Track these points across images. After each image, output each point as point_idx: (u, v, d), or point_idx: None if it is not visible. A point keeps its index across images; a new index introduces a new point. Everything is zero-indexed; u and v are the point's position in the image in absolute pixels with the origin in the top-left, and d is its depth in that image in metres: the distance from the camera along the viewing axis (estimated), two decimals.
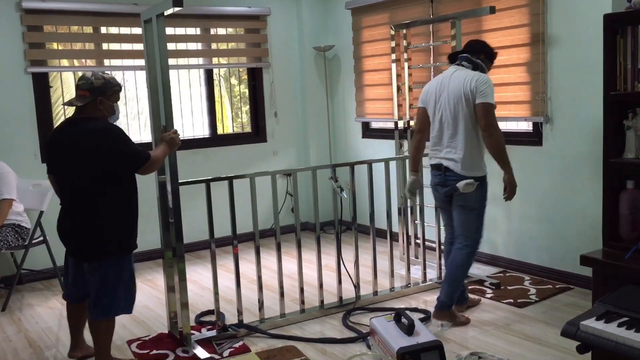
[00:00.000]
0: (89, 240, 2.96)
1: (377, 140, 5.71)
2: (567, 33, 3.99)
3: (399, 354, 2.63)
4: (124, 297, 3.07)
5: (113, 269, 2.99)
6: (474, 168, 3.46)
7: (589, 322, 2.07)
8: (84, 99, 2.95)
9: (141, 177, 3.08)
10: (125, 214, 3.03)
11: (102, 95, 2.96)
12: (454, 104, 3.42)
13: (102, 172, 2.90)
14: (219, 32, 5.70)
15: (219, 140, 5.76)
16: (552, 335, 3.35)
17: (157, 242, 3.64)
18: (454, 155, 3.47)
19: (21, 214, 4.39)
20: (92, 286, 3.02)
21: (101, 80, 2.97)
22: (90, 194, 2.92)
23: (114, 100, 3.04)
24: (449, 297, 3.52)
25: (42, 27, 4.87)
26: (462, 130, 3.42)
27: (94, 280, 3.01)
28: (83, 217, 2.95)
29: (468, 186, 3.44)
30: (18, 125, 4.78)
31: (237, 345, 3.42)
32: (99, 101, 2.96)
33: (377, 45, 5.48)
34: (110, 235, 2.98)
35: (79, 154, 2.90)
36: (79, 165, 2.92)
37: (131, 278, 3.09)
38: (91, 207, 2.93)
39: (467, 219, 3.53)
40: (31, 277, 4.83)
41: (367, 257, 4.46)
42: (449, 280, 3.54)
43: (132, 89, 5.38)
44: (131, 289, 3.11)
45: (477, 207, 3.52)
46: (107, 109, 3.01)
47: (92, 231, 2.95)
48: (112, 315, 3.08)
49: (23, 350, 3.54)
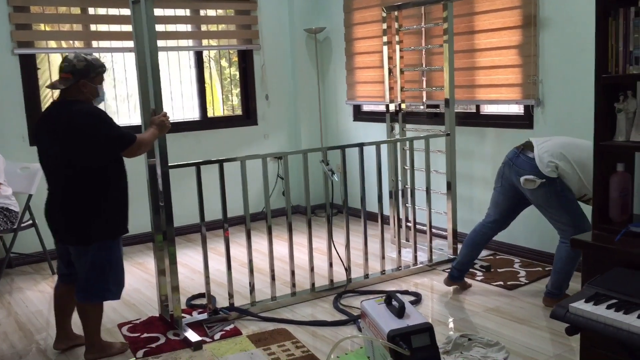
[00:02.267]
0: (75, 224, 2.94)
1: (368, 123, 5.70)
2: (559, 15, 3.98)
3: (389, 336, 2.64)
4: (113, 282, 3.06)
5: (101, 253, 2.98)
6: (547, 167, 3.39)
7: (578, 304, 2.08)
8: (66, 81, 2.92)
9: (131, 160, 3.05)
10: (112, 198, 3.00)
11: (85, 78, 2.93)
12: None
13: (88, 155, 2.88)
14: (209, 14, 5.64)
15: (209, 123, 5.72)
16: (542, 317, 3.38)
17: (148, 225, 3.63)
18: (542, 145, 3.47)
19: (9, 197, 4.35)
20: (81, 270, 3.01)
21: (83, 62, 2.93)
22: (76, 177, 2.90)
23: (97, 82, 2.99)
24: (554, 286, 3.52)
25: (28, 8, 4.79)
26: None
27: (82, 264, 3.00)
28: (69, 201, 2.93)
29: (528, 182, 3.42)
30: (5, 108, 4.72)
31: (228, 328, 3.43)
32: (82, 84, 2.93)
33: (369, 28, 5.44)
34: (97, 219, 2.95)
35: (63, 137, 2.87)
36: (64, 149, 2.89)
37: (119, 263, 3.08)
38: (77, 191, 2.91)
39: (550, 217, 3.52)
40: (20, 261, 4.80)
41: (358, 240, 4.47)
42: (554, 271, 3.54)
43: (121, 71, 5.32)
44: (120, 274, 3.10)
45: (551, 206, 3.46)
46: (90, 92, 2.97)
47: (79, 215, 2.93)
48: (101, 300, 3.08)
49: (13, 334, 3.53)
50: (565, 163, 3.36)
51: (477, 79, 4.55)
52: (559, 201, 3.42)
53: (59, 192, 2.97)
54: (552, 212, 3.48)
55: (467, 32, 4.55)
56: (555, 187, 3.40)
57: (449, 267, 4.30)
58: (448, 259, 4.41)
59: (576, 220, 3.41)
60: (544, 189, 3.39)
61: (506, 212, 3.68)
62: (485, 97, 4.52)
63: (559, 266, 3.50)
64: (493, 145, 4.54)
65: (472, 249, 3.80)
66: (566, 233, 3.42)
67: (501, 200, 3.68)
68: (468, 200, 4.78)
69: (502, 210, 3.69)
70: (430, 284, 4.06)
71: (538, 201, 3.49)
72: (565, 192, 3.42)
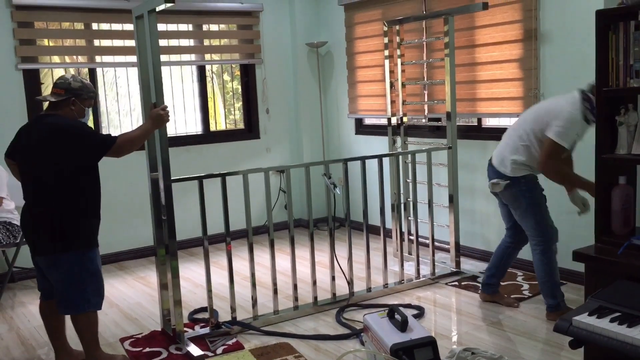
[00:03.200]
0: (49, 234, 2.95)
1: (370, 136, 5.71)
2: (560, 29, 4.00)
3: (392, 350, 2.64)
4: (92, 293, 3.05)
5: (75, 263, 2.98)
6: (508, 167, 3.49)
7: (581, 317, 2.08)
8: (57, 96, 3.02)
9: (133, 174, 3.07)
10: (87, 208, 3.02)
11: (77, 97, 3.03)
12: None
13: (66, 166, 2.92)
14: (211, 29, 5.68)
15: (211, 137, 5.74)
16: (545, 330, 3.36)
17: (150, 239, 3.63)
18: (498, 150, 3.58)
19: (12, 211, 4.36)
20: (56, 281, 3.02)
21: (79, 83, 3.06)
22: (52, 188, 2.93)
23: (86, 105, 3.10)
24: (547, 297, 3.53)
25: (32, 24, 4.83)
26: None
27: (55, 275, 3.00)
28: (45, 210, 2.96)
29: (494, 186, 3.50)
30: (9, 123, 4.73)
31: (230, 342, 3.42)
32: (72, 102, 3.02)
33: (370, 42, 5.47)
34: (71, 230, 2.96)
35: (41, 149, 2.94)
36: (42, 161, 2.94)
37: (97, 273, 3.07)
38: (53, 202, 2.94)
39: (519, 220, 3.57)
40: (23, 275, 4.80)
41: (360, 254, 4.46)
42: (539, 283, 3.58)
43: (124, 86, 5.35)
44: (99, 284, 3.09)
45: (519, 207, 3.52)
46: (78, 111, 3.06)
47: (52, 224, 2.94)
48: (81, 311, 3.05)
49: (15, 349, 3.52)
50: (522, 151, 3.40)
51: (478, 92, 4.57)
52: (526, 202, 3.48)
53: (35, 203, 3.00)
54: (520, 214, 3.53)
55: (468, 46, 4.57)
56: (521, 186, 3.48)
57: (452, 280, 4.30)
58: (450, 272, 4.40)
59: (540, 225, 3.48)
60: (510, 190, 3.48)
61: (512, 219, 3.70)
62: (487, 110, 4.54)
63: (539, 275, 3.55)
64: None
65: (495, 260, 3.82)
66: (532, 239, 3.53)
67: (502, 211, 3.75)
68: (470, 213, 4.77)
69: (508, 219, 3.73)
70: (433, 297, 4.05)
71: (509, 203, 3.56)
72: (532, 193, 3.49)
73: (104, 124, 5.24)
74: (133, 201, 5.11)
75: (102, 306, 3.13)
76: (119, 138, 3.02)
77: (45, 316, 3.20)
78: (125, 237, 5.19)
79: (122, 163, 4.45)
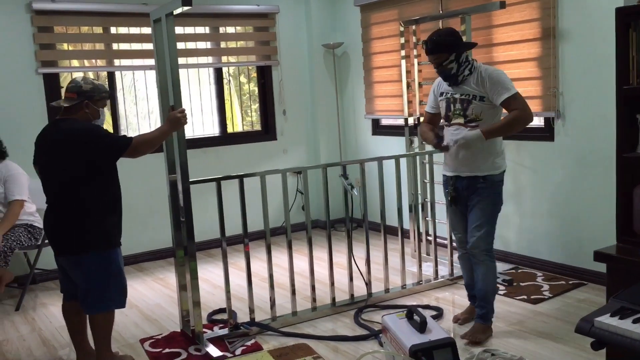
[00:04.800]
0: (71, 234, 2.99)
1: (387, 137, 5.70)
2: (579, 27, 3.96)
3: (411, 352, 2.63)
4: (115, 291, 3.09)
5: (98, 263, 3.01)
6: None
7: (603, 318, 2.05)
8: (70, 100, 3.04)
9: (152, 176, 3.10)
10: (108, 208, 3.05)
11: (90, 100, 3.04)
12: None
13: (84, 168, 2.95)
14: (228, 31, 5.71)
15: (228, 138, 5.76)
16: (566, 331, 3.33)
17: (169, 240, 3.65)
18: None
19: (33, 214, 4.42)
20: (80, 281, 3.05)
21: (90, 85, 3.07)
22: (72, 189, 2.96)
23: (100, 106, 3.11)
24: (485, 309, 3.40)
25: (52, 28, 4.89)
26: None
27: (79, 275, 3.04)
28: (65, 211, 3.00)
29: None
30: (29, 126, 4.79)
31: (249, 343, 3.43)
32: (85, 104, 3.03)
33: (387, 42, 5.46)
34: (92, 230, 2.99)
35: (59, 152, 2.97)
36: (61, 164, 2.98)
37: (120, 272, 3.10)
38: (73, 203, 2.97)
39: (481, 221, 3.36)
40: (44, 277, 4.86)
41: (378, 255, 4.45)
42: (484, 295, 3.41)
43: (142, 89, 5.40)
44: (121, 283, 3.12)
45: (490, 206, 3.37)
46: (92, 113, 3.07)
47: (73, 224, 2.98)
48: (104, 310, 3.09)
49: (37, 349, 3.56)
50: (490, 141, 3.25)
51: None
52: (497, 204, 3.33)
53: (56, 205, 3.04)
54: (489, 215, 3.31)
55: (486, 45, 4.54)
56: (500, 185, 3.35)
57: None
58: None
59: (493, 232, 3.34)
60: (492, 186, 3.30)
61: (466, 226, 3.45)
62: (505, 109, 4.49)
63: (489, 284, 3.36)
64: (513, 158, 4.51)
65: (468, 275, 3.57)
66: (483, 244, 3.32)
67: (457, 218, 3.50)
68: None
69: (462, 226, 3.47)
70: (451, 298, 4.03)
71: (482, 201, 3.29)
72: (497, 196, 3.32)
73: (122, 127, 5.29)
74: (152, 203, 5.15)
75: (125, 304, 3.17)
76: (134, 139, 3.04)
77: (67, 317, 3.24)
78: (144, 239, 5.23)
79: (141, 165, 4.50)
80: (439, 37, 3.22)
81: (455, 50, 3.19)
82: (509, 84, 3.19)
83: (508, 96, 3.16)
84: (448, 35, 3.22)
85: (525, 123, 3.22)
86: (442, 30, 3.32)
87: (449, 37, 3.22)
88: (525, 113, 3.17)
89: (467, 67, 3.24)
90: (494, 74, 3.21)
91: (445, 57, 3.19)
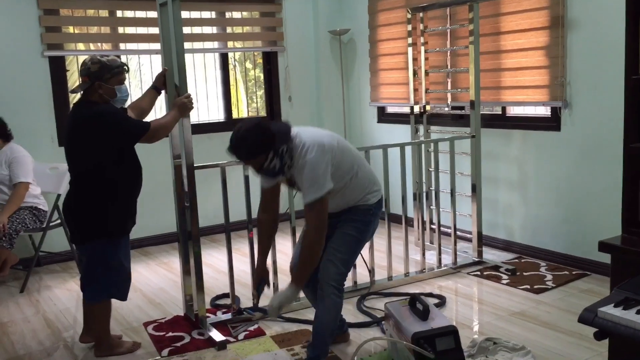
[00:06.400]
0: (77, 221, 3.01)
1: (392, 125, 5.68)
2: (588, 16, 3.92)
3: (414, 339, 2.63)
4: (111, 283, 3.10)
5: (97, 252, 3.03)
6: None
7: (607, 308, 2.05)
8: (84, 85, 2.99)
9: (156, 161, 3.09)
10: (116, 199, 3.03)
11: (100, 80, 2.97)
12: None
13: (100, 154, 2.94)
14: (234, 16, 5.68)
15: (233, 124, 5.65)
16: (568, 321, 3.33)
17: (173, 225, 3.66)
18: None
19: (38, 196, 4.43)
20: (83, 269, 3.09)
21: (97, 64, 2.97)
22: (86, 177, 2.96)
23: (114, 83, 3.00)
24: (316, 349, 2.91)
25: (58, 11, 4.88)
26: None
27: (85, 262, 3.07)
28: (77, 199, 3.01)
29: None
30: (35, 109, 4.81)
31: (252, 328, 3.44)
32: (97, 85, 2.98)
33: (393, 29, 5.43)
34: (96, 218, 2.99)
35: (76, 138, 2.96)
36: (77, 150, 2.98)
37: (119, 264, 3.09)
38: (83, 189, 2.97)
39: (342, 249, 2.94)
40: (49, 260, 4.89)
41: (381, 242, 4.45)
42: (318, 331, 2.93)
43: (147, 73, 5.38)
44: (120, 276, 3.12)
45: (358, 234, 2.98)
46: (107, 93, 3.00)
47: (80, 212, 2.99)
48: (100, 299, 3.12)
49: (41, 331, 3.59)
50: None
51: (503, 81, 4.51)
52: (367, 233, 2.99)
53: (72, 191, 3.05)
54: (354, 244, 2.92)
55: (493, 34, 4.51)
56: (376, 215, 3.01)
57: (474, 270, 4.27)
58: (472, 262, 4.38)
59: (345, 264, 2.87)
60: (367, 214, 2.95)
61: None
62: (512, 98, 4.48)
63: (325, 321, 2.86)
64: (519, 148, 4.50)
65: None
66: (337, 275, 2.85)
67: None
68: (493, 203, 4.73)
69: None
70: (454, 286, 4.04)
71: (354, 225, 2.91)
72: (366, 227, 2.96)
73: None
74: (156, 188, 5.15)
75: (126, 297, 3.20)
76: (152, 123, 3.04)
77: None
78: (149, 224, 5.24)
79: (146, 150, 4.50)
80: (251, 140, 2.66)
81: (273, 147, 2.67)
82: (314, 185, 2.71)
83: (305, 202, 2.76)
84: (258, 134, 2.67)
85: (317, 247, 2.73)
86: (248, 131, 2.69)
87: (261, 136, 2.67)
88: (311, 237, 2.73)
89: (287, 156, 2.73)
90: (306, 168, 2.71)
91: (264, 159, 2.69)
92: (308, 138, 2.77)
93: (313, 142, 2.75)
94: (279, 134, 2.72)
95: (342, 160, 2.84)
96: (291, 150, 2.74)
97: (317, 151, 2.72)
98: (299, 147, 2.74)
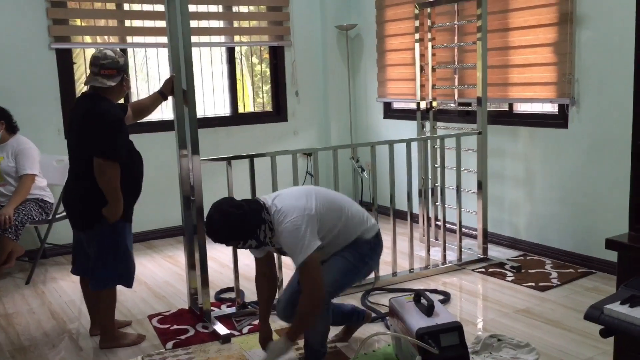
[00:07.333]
0: (86, 207, 3.01)
1: (398, 120, 5.66)
2: (597, 12, 3.90)
3: (418, 335, 2.63)
4: (121, 269, 3.11)
5: (109, 237, 3.03)
6: None
7: (613, 306, 2.04)
8: (111, 77, 2.96)
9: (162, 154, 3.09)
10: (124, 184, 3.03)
11: (126, 73, 3.01)
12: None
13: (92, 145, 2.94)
14: (241, 10, 5.67)
15: (239, 118, 5.75)
16: (573, 319, 3.32)
17: (178, 219, 3.66)
18: None
19: (44, 188, 4.45)
20: (92, 256, 3.08)
21: (123, 57, 3.01)
22: (89, 165, 2.95)
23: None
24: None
25: (65, 4, 4.88)
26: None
27: (92, 250, 3.07)
28: (81, 185, 3.01)
29: None
30: (42, 101, 4.82)
31: (256, 322, 3.44)
32: (125, 79, 2.98)
33: (401, 25, 5.41)
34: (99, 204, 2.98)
35: (80, 129, 2.97)
36: (79, 139, 2.99)
37: (126, 250, 3.12)
38: (89, 177, 2.96)
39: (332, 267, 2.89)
40: (54, 251, 4.90)
41: (386, 238, 4.42)
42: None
43: (154, 67, 5.38)
44: (127, 261, 3.14)
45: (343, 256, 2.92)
46: (128, 86, 3.07)
47: (88, 199, 2.98)
48: (108, 286, 3.13)
49: (46, 322, 3.60)
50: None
51: (510, 77, 4.49)
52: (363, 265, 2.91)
53: (74, 179, 3.06)
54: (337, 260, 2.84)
55: (501, 30, 4.49)
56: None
57: (479, 267, 4.26)
58: (477, 259, 4.37)
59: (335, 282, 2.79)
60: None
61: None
62: (519, 95, 4.46)
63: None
64: (526, 145, 4.48)
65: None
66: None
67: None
68: (499, 200, 4.72)
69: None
70: (459, 283, 4.03)
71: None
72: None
73: None
74: (162, 181, 5.16)
75: (132, 284, 3.20)
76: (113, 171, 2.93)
77: (82, 286, 3.32)
78: (154, 217, 5.25)
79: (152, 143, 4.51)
80: (222, 235, 2.67)
81: (250, 236, 2.66)
82: (298, 248, 2.62)
83: (296, 265, 2.68)
84: (233, 227, 2.64)
85: (313, 311, 2.67)
86: (219, 223, 2.65)
87: (227, 230, 2.65)
88: (307, 308, 2.65)
89: (267, 229, 2.69)
90: (285, 234, 2.66)
91: (239, 243, 2.71)
92: (284, 203, 2.72)
93: (289, 206, 2.70)
94: (249, 218, 2.65)
95: (327, 213, 2.77)
96: (270, 222, 2.69)
97: (294, 214, 2.66)
98: (276, 215, 2.69)
